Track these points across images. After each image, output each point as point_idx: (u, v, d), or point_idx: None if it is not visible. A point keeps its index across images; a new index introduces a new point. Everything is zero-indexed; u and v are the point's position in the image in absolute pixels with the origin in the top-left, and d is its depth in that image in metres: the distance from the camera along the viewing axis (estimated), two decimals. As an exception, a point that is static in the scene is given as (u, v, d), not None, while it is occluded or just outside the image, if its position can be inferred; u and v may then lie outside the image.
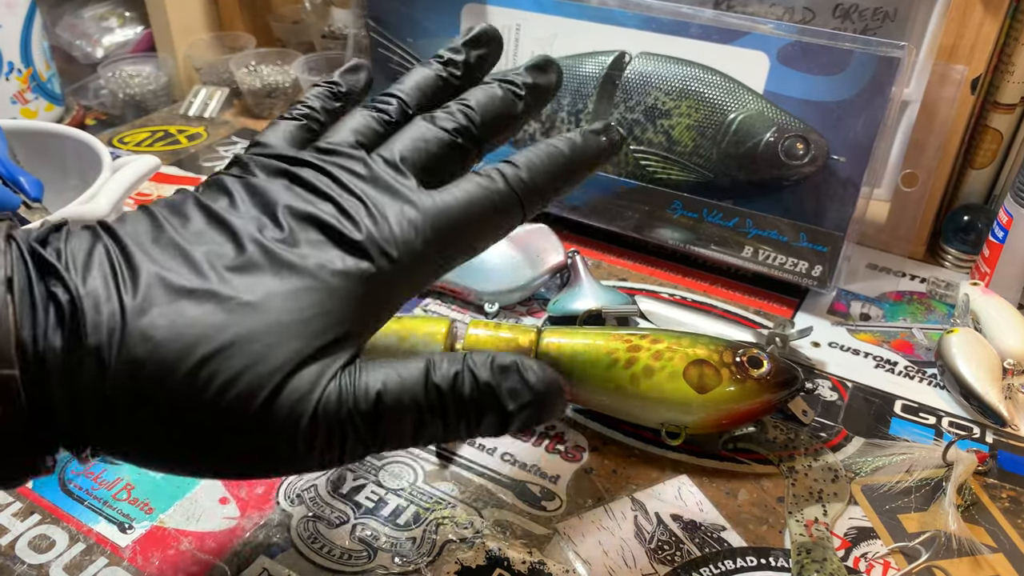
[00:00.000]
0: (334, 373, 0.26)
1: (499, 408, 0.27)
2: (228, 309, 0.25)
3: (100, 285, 0.24)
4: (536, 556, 0.37)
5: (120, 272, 0.25)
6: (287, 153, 0.30)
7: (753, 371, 0.40)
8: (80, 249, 0.25)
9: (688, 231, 0.56)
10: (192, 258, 0.26)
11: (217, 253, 0.26)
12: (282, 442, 0.25)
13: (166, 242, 0.26)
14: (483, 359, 0.27)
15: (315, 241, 0.27)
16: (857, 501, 0.40)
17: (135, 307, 0.24)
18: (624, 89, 0.56)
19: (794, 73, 0.51)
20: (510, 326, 0.43)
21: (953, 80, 0.53)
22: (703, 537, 0.38)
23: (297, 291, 0.26)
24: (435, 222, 0.28)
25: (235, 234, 0.27)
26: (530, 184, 0.30)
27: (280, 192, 0.28)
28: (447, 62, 0.34)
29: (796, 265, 0.54)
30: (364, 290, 0.27)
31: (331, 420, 0.25)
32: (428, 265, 0.28)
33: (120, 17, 0.88)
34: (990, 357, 0.46)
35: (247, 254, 0.26)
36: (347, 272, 0.26)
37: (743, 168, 0.53)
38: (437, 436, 0.27)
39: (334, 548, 0.37)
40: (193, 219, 0.27)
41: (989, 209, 0.59)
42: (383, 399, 0.26)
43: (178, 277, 0.25)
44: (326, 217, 0.27)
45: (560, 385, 0.28)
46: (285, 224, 0.27)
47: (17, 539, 0.37)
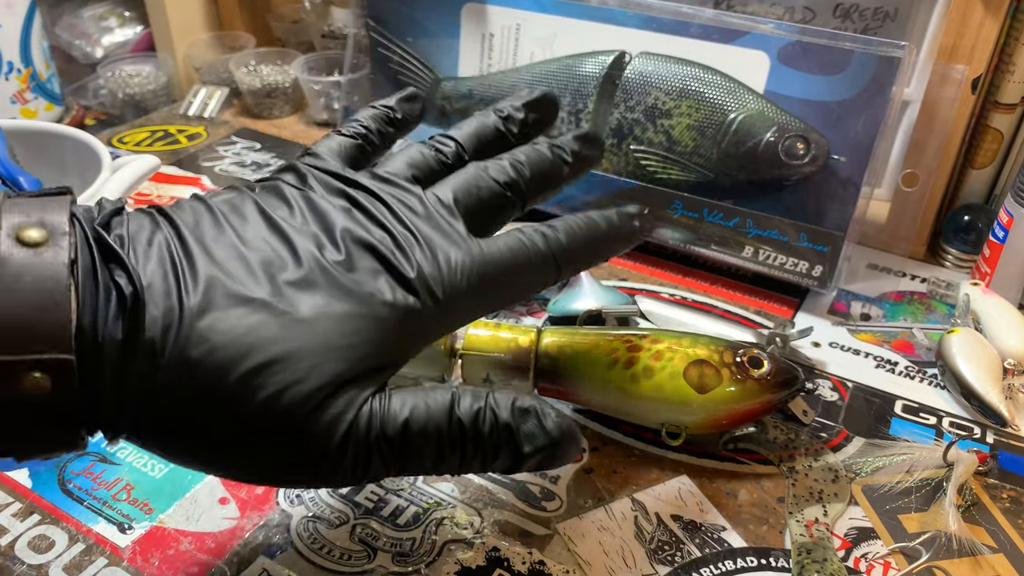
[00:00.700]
0: (367, 398, 0.27)
1: (515, 448, 0.28)
2: (283, 323, 0.25)
3: (160, 279, 0.25)
4: (536, 556, 0.37)
5: (180, 267, 0.25)
6: (344, 173, 0.31)
7: (753, 371, 0.40)
8: (141, 237, 0.26)
9: (688, 231, 0.56)
10: (251, 265, 0.26)
11: (276, 264, 0.27)
12: (313, 458, 0.26)
13: (225, 242, 0.27)
14: (506, 400, 0.28)
15: (370, 269, 0.28)
16: (857, 501, 0.40)
17: (194, 308, 0.25)
18: (624, 89, 0.56)
19: (794, 73, 0.51)
20: (510, 326, 0.43)
21: (953, 80, 0.53)
22: (703, 537, 0.38)
23: (349, 316, 0.27)
24: (480, 269, 0.29)
25: (294, 247, 0.27)
26: (568, 250, 0.32)
27: (338, 214, 0.29)
28: (507, 118, 0.36)
29: (796, 265, 0.54)
30: (406, 324, 0.28)
31: (360, 442, 0.26)
32: (467, 309, 0.30)
33: (119, 17, 0.88)
34: (991, 357, 0.46)
35: (305, 270, 0.27)
36: (395, 305, 0.27)
37: (743, 168, 0.53)
38: (453, 468, 0.28)
39: (334, 548, 0.37)
40: (251, 222, 0.28)
41: (989, 209, 0.59)
42: (409, 427, 0.27)
43: (237, 283, 0.26)
44: (381, 248, 0.28)
45: (576, 433, 0.29)
46: (343, 247, 0.28)
47: (17, 539, 0.37)
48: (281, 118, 0.80)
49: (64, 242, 0.24)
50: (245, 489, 0.40)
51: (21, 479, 0.40)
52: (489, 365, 0.42)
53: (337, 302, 0.27)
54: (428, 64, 0.63)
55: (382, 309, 0.27)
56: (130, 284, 0.24)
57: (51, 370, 0.23)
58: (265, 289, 0.26)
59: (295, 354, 0.25)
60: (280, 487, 0.36)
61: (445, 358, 0.42)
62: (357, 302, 0.27)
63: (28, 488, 0.40)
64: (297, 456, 0.26)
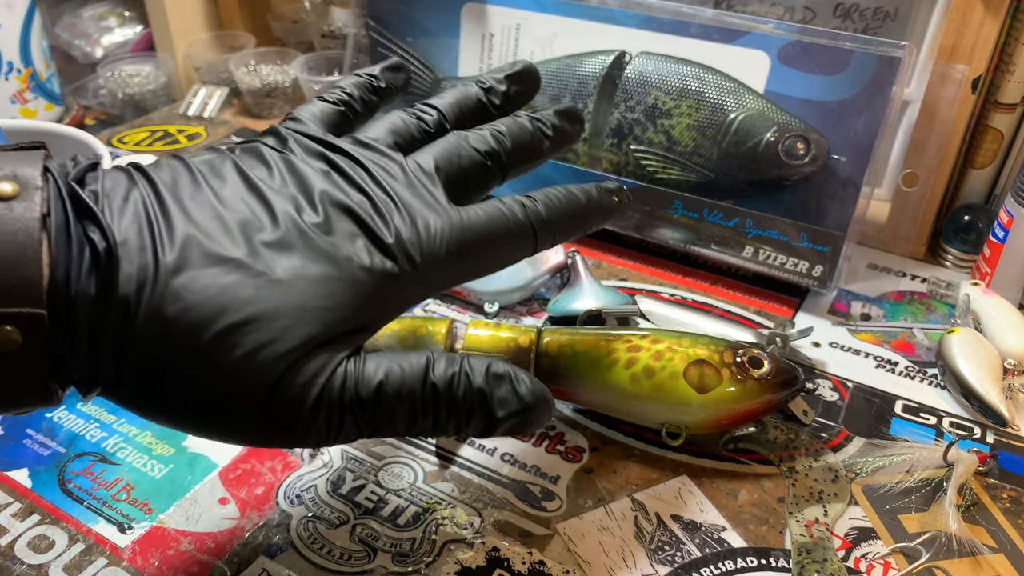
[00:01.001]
0: (341, 360, 0.27)
1: (488, 413, 0.28)
2: (258, 284, 0.26)
3: (134, 235, 0.25)
4: (536, 556, 0.37)
5: (157, 225, 0.25)
6: (325, 137, 0.31)
7: (753, 371, 0.40)
8: (117, 193, 0.26)
9: (688, 231, 0.56)
10: (228, 224, 0.26)
11: (253, 224, 0.27)
12: (285, 418, 0.26)
13: (203, 201, 0.27)
14: (480, 365, 0.29)
15: (348, 232, 0.28)
16: (857, 501, 0.40)
17: (170, 265, 0.25)
18: (624, 89, 0.56)
19: (795, 73, 0.51)
20: (510, 326, 0.43)
21: (954, 80, 0.53)
22: (703, 537, 0.38)
23: (325, 278, 0.27)
24: (459, 236, 0.29)
25: (271, 208, 0.27)
26: (546, 221, 0.32)
27: (317, 176, 0.29)
28: (489, 89, 0.36)
29: (796, 265, 0.54)
30: (383, 288, 0.28)
31: (333, 404, 0.27)
32: (444, 275, 0.30)
33: (119, 17, 0.88)
34: (991, 357, 0.46)
35: (282, 231, 0.27)
36: (372, 269, 0.27)
37: (744, 168, 0.53)
38: (427, 431, 0.29)
39: (334, 548, 0.37)
40: (230, 182, 0.28)
41: (990, 209, 0.59)
42: (383, 389, 0.27)
43: (214, 243, 0.26)
44: (359, 211, 0.28)
45: (548, 400, 0.29)
46: (321, 209, 0.28)
47: (16, 539, 0.37)
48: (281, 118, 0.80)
49: (37, 196, 0.24)
50: (245, 489, 0.40)
51: (21, 479, 0.40)
52: (489, 365, 0.42)
53: (313, 264, 0.27)
54: (428, 64, 0.63)
55: (359, 272, 0.27)
56: (103, 240, 0.24)
57: (22, 324, 0.23)
58: (241, 249, 0.26)
59: (269, 315, 0.25)
60: (252, 446, 0.36)
61: (445, 358, 0.42)
62: (333, 265, 0.27)
63: (28, 488, 0.40)
64: (270, 416, 0.26)
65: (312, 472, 0.41)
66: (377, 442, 0.43)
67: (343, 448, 0.42)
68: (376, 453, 0.42)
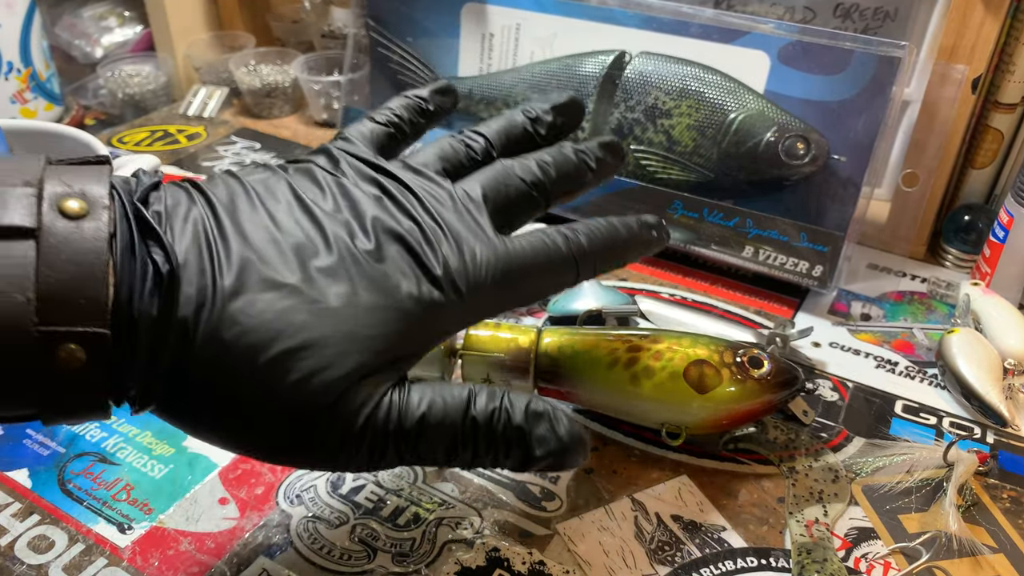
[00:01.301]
0: (388, 389, 0.27)
1: (526, 450, 0.29)
2: (312, 310, 0.26)
3: (195, 257, 0.25)
4: (536, 556, 0.37)
5: (215, 247, 0.26)
6: (376, 161, 0.31)
7: (753, 371, 0.40)
8: (178, 214, 0.26)
9: (688, 231, 0.56)
10: (283, 249, 0.27)
11: (308, 249, 0.27)
12: (332, 443, 0.27)
13: (259, 224, 0.27)
14: (520, 403, 0.29)
15: (398, 260, 0.28)
16: (858, 501, 0.40)
17: (227, 289, 0.25)
18: (624, 89, 0.56)
19: (795, 73, 0.51)
20: (510, 326, 0.43)
21: (954, 80, 0.53)
22: (703, 537, 0.38)
23: (376, 306, 0.27)
24: (504, 267, 0.30)
25: (325, 233, 0.28)
26: (588, 255, 0.32)
27: (369, 201, 0.29)
28: (536, 119, 0.37)
29: (797, 265, 0.54)
30: (430, 317, 0.28)
31: (378, 432, 0.27)
32: (487, 304, 0.30)
33: (119, 17, 0.88)
34: (991, 357, 0.46)
35: (335, 258, 0.27)
36: (420, 299, 0.28)
37: (744, 168, 0.53)
38: (465, 463, 0.29)
39: (334, 548, 0.37)
40: (284, 203, 0.28)
41: (990, 209, 0.59)
42: (426, 421, 0.28)
43: (270, 267, 0.26)
44: (410, 239, 0.28)
45: (585, 440, 0.30)
46: (373, 236, 0.28)
47: (16, 540, 0.37)
48: (281, 118, 0.80)
49: (104, 215, 0.24)
50: (245, 489, 0.40)
51: (21, 479, 0.40)
52: (489, 365, 0.42)
53: (365, 292, 0.27)
54: (428, 64, 0.63)
55: (408, 302, 0.27)
56: (166, 262, 0.25)
57: (87, 343, 0.24)
58: (296, 275, 0.26)
59: (322, 341, 0.26)
60: (296, 468, 0.37)
61: (445, 358, 0.42)
62: (384, 293, 0.27)
63: (28, 488, 0.40)
64: (318, 441, 0.27)
65: (312, 472, 0.41)
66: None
67: (343, 448, 0.42)
68: (376, 453, 0.42)
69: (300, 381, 0.26)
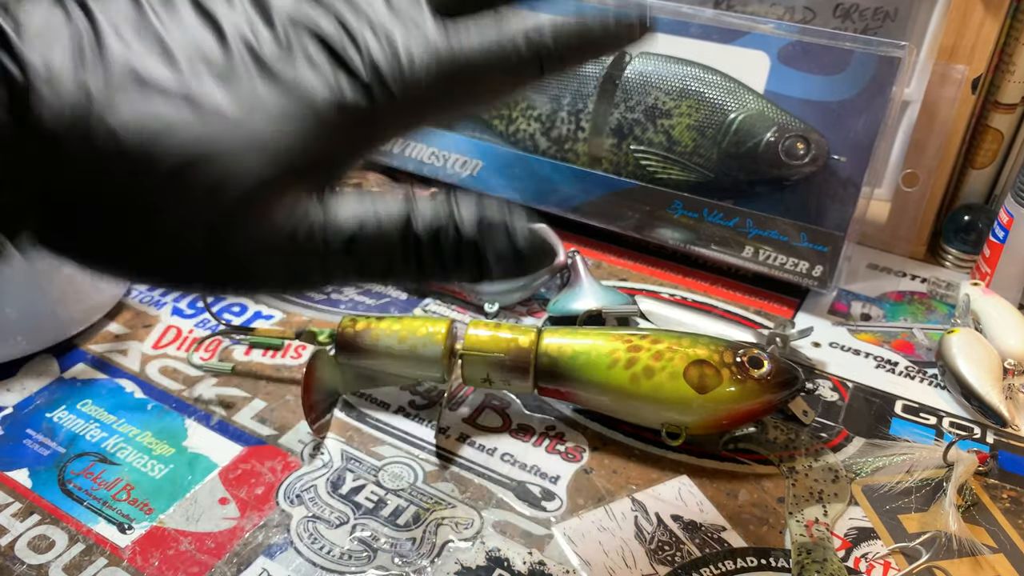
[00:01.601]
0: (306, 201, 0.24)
1: (479, 264, 0.26)
2: (206, 119, 0.23)
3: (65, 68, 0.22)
4: (536, 556, 0.37)
5: (90, 56, 0.23)
6: None
7: (753, 371, 0.40)
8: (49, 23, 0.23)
9: (688, 231, 0.56)
10: (172, 54, 0.23)
11: (201, 52, 0.24)
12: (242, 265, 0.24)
13: (147, 32, 0.24)
14: (470, 212, 0.25)
15: (312, 57, 0.24)
16: (857, 501, 0.40)
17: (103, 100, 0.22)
18: (624, 89, 0.56)
19: (795, 73, 0.51)
20: (510, 326, 0.43)
21: (954, 80, 0.53)
22: (703, 537, 0.38)
23: (283, 114, 0.24)
24: (447, 66, 0.25)
25: (221, 31, 0.24)
26: (555, 55, 0.27)
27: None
28: None
29: (797, 265, 0.54)
30: (356, 122, 0.25)
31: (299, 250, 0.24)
32: (428, 108, 0.26)
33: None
34: (991, 357, 0.46)
35: (235, 58, 0.24)
36: (341, 103, 0.24)
37: (743, 168, 0.53)
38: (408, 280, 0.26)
39: (334, 548, 0.37)
40: (179, 7, 0.25)
41: (990, 209, 0.59)
42: (356, 241, 0.25)
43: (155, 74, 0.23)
44: (327, 34, 0.25)
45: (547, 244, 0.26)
46: (282, 31, 0.25)
47: (16, 540, 0.37)
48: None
49: None
50: (245, 489, 0.40)
51: (21, 479, 0.40)
52: (489, 365, 0.42)
53: (270, 96, 0.24)
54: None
55: (324, 106, 0.24)
56: (20, 70, 0.22)
57: None
58: (187, 81, 0.23)
59: (221, 153, 0.23)
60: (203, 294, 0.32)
61: (445, 358, 0.42)
62: (294, 97, 0.24)
63: (28, 488, 0.40)
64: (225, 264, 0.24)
65: (312, 472, 0.41)
66: (378, 443, 0.43)
67: (343, 448, 0.42)
68: (376, 453, 0.42)
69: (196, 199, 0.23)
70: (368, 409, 0.45)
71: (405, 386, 0.46)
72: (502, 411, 0.45)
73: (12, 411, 0.45)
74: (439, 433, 0.43)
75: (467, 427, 0.44)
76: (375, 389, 0.46)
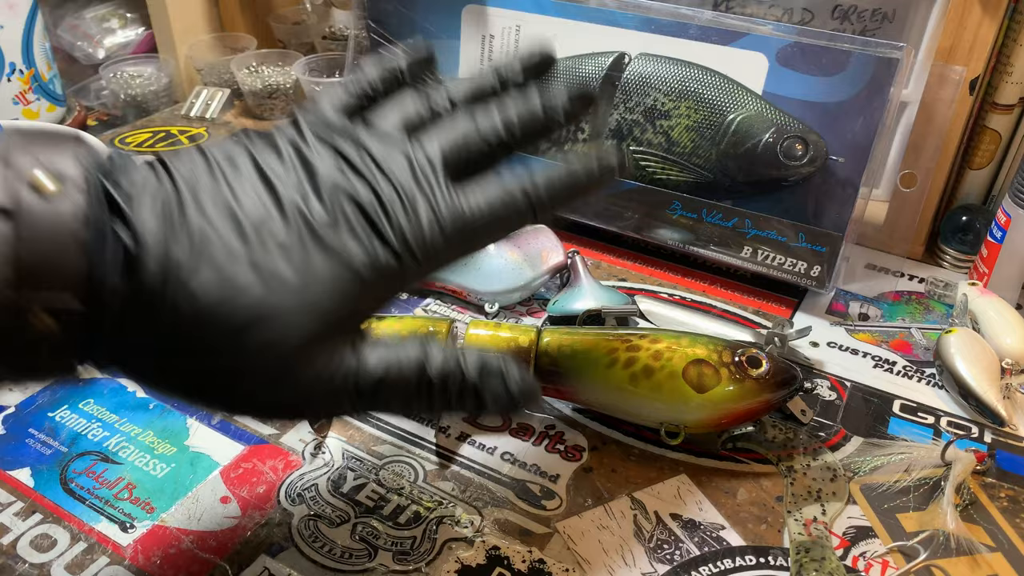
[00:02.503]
0: (345, 351, 0.29)
1: (479, 402, 0.30)
2: (268, 283, 0.27)
3: (159, 235, 0.27)
4: (536, 555, 0.37)
5: (177, 223, 0.27)
6: (337, 124, 0.32)
7: (752, 371, 0.40)
8: (145, 192, 0.27)
9: (687, 231, 0.56)
10: (241, 223, 0.28)
11: (265, 221, 0.28)
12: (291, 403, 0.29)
13: (219, 199, 0.28)
14: (474, 361, 0.30)
15: (353, 227, 0.29)
16: (856, 500, 0.40)
17: (186, 264, 0.27)
18: (623, 90, 0.56)
19: (793, 74, 0.52)
20: (510, 326, 0.43)
21: (951, 81, 0.53)
22: (702, 536, 0.38)
23: (331, 276, 0.28)
24: (461, 227, 0.30)
25: (282, 204, 0.28)
26: (547, 203, 0.32)
27: (328, 168, 0.30)
28: (504, 84, 0.35)
29: (795, 265, 0.54)
30: (385, 281, 0.29)
31: (336, 392, 0.29)
32: (443, 263, 0.31)
33: (121, 18, 0.89)
34: (988, 357, 0.47)
35: (292, 228, 0.28)
36: (376, 265, 0.29)
37: (742, 169, 0.53)
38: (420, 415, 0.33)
39: (335, 547, 0.37)
40: (243, 173, 0.29)
41: (987, 209, 0.59)
42: (382, 384, 0.29)
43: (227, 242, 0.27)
44: (366, 206, 0.29)
45: (536, 392, 0.31)
46: (329, 204, 0.29)
47: (19, 538, 0.37)
48: (282, 119, 0.80)
49: (78, 195, 0.26)
50: (247, 488, 0.40)
51: (23, 478, 0.41)
52: (489, 365, 0.42)
53: (320, 261, 0.28)
54: (428, 65, 0.63)
55: (363, 269, 0.28)
56: (132, 239, 0.26)
57: (59, 315, 0.25)
58: (253, 248, 0.28)
59: (278, 313, 0.27)
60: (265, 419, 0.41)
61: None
62: (341, 264, 0.28)
63: (30, 487, 0.40)
64: (276, 401, 0.29)
65: (313, 471, 0.41)
66: (378, 441, 0.43)
67: (344, 447, 0.42)
68: (377, 452, 0.42)
69: (258, 350, 0.27)
70: (369, 409, 0.45)
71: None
72: (502, 411, 0.45)
73: (14, 410, 0.45)
74: (439, 432, 0.43)
75: (467, 426, 0.44)
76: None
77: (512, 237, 0.54)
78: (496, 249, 0.53)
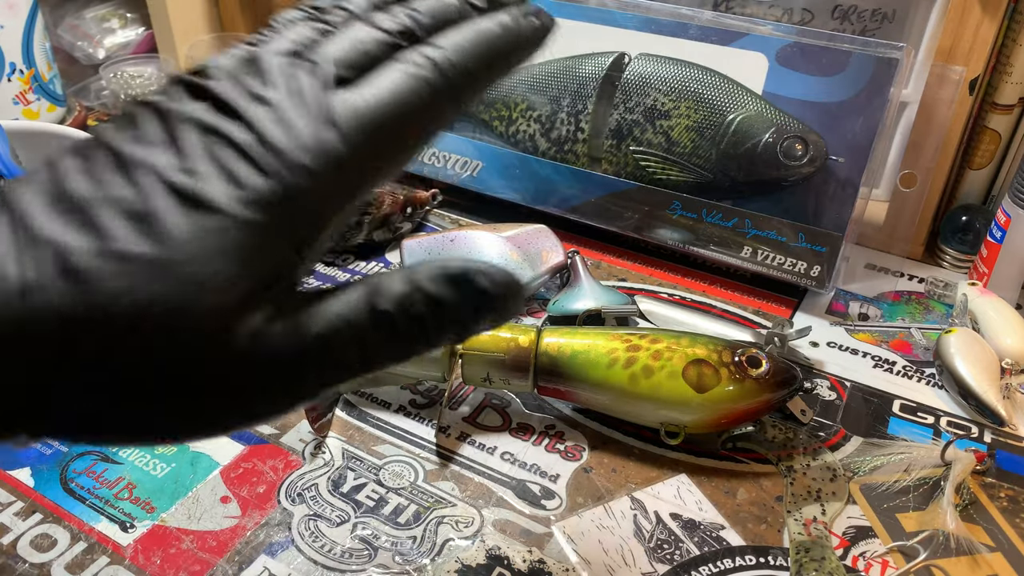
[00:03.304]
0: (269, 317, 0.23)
1: (457, 321, 0.25)
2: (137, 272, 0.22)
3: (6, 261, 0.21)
4: (536, 555, 0.37)
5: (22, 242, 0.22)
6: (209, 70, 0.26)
7: (752, 371, 0.40)
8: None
9: (687, 231, 0.56)
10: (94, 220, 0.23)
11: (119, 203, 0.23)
12: (232, 395, 0.24)
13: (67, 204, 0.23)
14: (428, 273, 0.25)
15: (221, 165, 0.23)
16: (855, 500, 0.40)
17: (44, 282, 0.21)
18: (623, 90, 0.56)
19: (793, 74, 0.52)
20: (510, 326, 0.43)
21: (951, 81, 0.53)
22: (702, 536, 0.38)
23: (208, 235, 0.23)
24: (360, 124, 0.25)
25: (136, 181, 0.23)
26: (461, 69, 0.26)
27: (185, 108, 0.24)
28: None
29: (795, 265, 0.54)
30: (286, 212, 0.24)
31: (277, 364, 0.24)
32: (359, 169, 0.25)
33: (121, 18, 0.89)
34: (988, 357, 0.47)
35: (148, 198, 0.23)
36: (260, 201, 0.23)
37: (742, 169, 0.53)
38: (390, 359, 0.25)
39: (335, 547, 0.37)
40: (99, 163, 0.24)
41: (987, 209, 0.59)
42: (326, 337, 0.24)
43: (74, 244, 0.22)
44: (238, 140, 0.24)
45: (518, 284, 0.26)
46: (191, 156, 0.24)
47: (19, 538, 0.37)
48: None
49: None
50: (247, 488, 0.40)
51: (23, 478, 0.41)
52: (489, 365, 0.42)
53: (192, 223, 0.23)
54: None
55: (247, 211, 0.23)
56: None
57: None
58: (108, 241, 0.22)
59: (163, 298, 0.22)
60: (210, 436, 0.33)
61: (445, 358, 0.43)
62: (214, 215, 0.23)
63: (30, 487, 0.40)
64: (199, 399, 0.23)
65: (313, 471, 0.41)
66: (378, 441, 0.43)
67: (344, 447, 0.42)
68: (377, 452, 0.42)
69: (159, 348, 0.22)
70: (369, 408, 0.45)
71: (406, 385, 0.47)
72: (502, 410, 0.45)
73: (14, 410, 0.45)
74: (439, 432, 0.43)
75: (467, 426, 0.44)
76: (376, 388, 0.46)
77: (512, 237, 0.54)
78: (496, 249, 0.53)
